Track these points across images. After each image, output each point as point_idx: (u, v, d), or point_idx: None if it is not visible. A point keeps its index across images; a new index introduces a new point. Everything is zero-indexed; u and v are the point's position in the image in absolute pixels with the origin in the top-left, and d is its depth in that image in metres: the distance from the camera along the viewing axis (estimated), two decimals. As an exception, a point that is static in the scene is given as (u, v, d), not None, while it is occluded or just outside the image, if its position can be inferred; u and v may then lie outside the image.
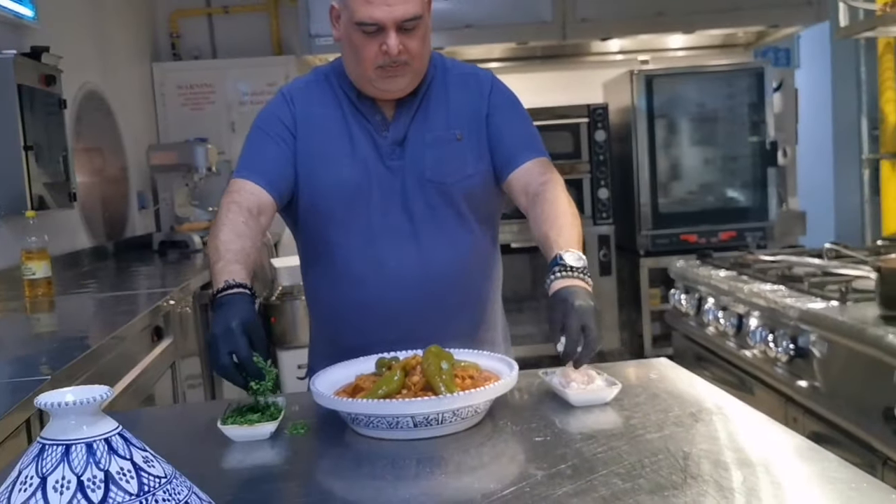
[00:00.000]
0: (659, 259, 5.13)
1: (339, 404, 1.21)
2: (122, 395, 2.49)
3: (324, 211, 1.63)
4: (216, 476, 1.16)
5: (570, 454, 1.12)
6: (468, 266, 1.68)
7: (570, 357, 1.34)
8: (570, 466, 1.08)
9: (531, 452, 1.15)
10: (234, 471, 1.19)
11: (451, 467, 1.14)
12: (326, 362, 1.72)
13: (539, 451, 1.15)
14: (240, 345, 1.30)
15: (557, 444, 1.16)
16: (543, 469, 1.07)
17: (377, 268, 1.61)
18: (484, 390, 1.21)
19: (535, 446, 1.17)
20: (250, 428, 1.25)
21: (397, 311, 1.61)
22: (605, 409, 1.31)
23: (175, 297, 3.11)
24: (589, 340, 1.33)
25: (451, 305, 1.65)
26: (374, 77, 1.57)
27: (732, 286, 2.62)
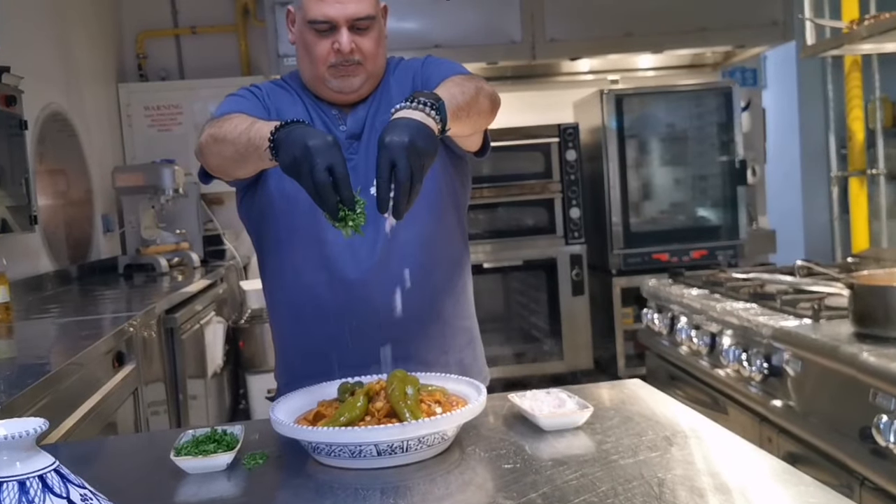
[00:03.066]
0: (631, 278, 5.12)
1: (299, 432, 1.16)
2: (81, 423, 2.41)
3: (278, 208, 1.58)
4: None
5: (541, 482, 1.07)
6: (433, 259, 1.63)
7: (383, 206, 1.20)
8: (541, 495, 1.03)
9: (500, 480, 1.10)
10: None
11: (417, 497, 1.09)
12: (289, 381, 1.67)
13: (508, 478, 1.10)
14: (339, 160, 1.20)
15: (527, 471, 1.12)
16: (513, 498, 1.03)
17: (330, 271, 1.56)
18: (450, 416, 1.16)
19: (505, 474, 1.12)
20: (205, 459, 1.19)
21: (353, 316, 1.56)
22: (577, 434, 1.26)
23: (139, 322, 3.03)
24: (399, 181, 1.19)
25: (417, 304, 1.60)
26: (327, 76, 1.56)
27: (705, 304, 2.59)
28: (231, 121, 1.45)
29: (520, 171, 5.25)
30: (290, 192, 1.45)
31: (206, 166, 1.53)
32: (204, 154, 1.49)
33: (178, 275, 4.56)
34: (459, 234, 1.71)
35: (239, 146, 1.40)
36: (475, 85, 1.48)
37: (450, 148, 1.61)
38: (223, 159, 1.46)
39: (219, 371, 4.32)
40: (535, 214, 5.31)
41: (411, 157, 1.21)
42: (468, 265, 1.75)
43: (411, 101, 1.29)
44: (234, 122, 1.44)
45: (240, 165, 1.45)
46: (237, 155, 1.41)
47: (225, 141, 1.43)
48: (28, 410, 1.90)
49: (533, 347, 5.39)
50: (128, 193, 4.69)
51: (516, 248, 5.23)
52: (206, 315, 4.19)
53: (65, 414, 2.33)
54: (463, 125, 1.42)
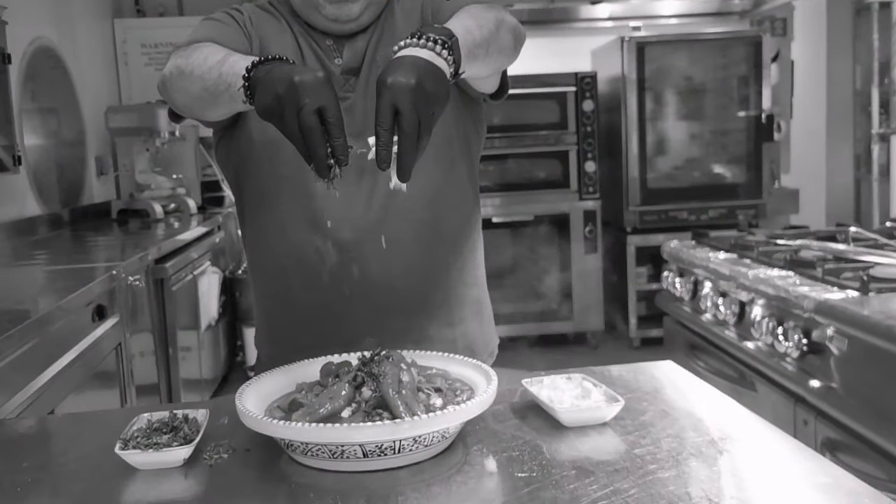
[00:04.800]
0: (647, 237, 4.91)
1: (270, 428, 0.95)
2: (65, 372, 2.24)
3: (260, 155, 1.36)
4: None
5: (563, 500, 0.87)
6: (439, 217, 1.41)
7: (384, 162, 1.00)
8: (563, 519, 0.83)
9: (512, 495, 0.90)
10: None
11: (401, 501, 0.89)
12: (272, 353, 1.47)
13: (522, 493, 0.90)
14: (331, 100, 1.00)
15: (545, 483, 0.91)
16: (528, 521, 0.83)
17: (319, 229, 1.34)
18: (453, 412, 0.95)
19: (518, 485, 0.92)
20: (157, 454, 0.99)
21: (345, 281, 1.35)
22: (604, 432, 1.06)
23: (124, 272, 2.83)
24: (404, 131, 0.99)
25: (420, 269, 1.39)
26: (321, 1, 1.32)
27: (734, 270, 2.37)
28: (201, 51, 1.22)
29: (533, 120, 5.00)
30: (274, 137, 1.22)
31: (170, 104, 1.30)
32: (167, 89, 1.26)
33: (173, 221, 4.36)
34: (470, 188, 1.49)
35: (208, 83, 1.17)
36: (495, 17, 1.24)
37: (462, 89, 1.38)
38: (189, 97, 1.23)
39: (214, 323, 4.14)
40: (548, 167, 5.08)
41: (418, 102, 0.99)
42: (478, 224, 1.53)
43: (418, 38, 1.06)
44: (205, 52, 1.21)
45: (208, 106, 1.22)
46: (205, 93, 1.18)
47: (192, 76, 1.20)
48: None
49: (541, 306, 5.19)
50: (122, 135, 4.47)
51: (527, 201, 5.01)
52: (200, 264, 4.00)
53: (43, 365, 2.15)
54: (480, 66, 1.19)
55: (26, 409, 2.00)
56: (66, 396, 2.28)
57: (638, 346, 5.02)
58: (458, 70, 1.09)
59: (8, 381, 1.95)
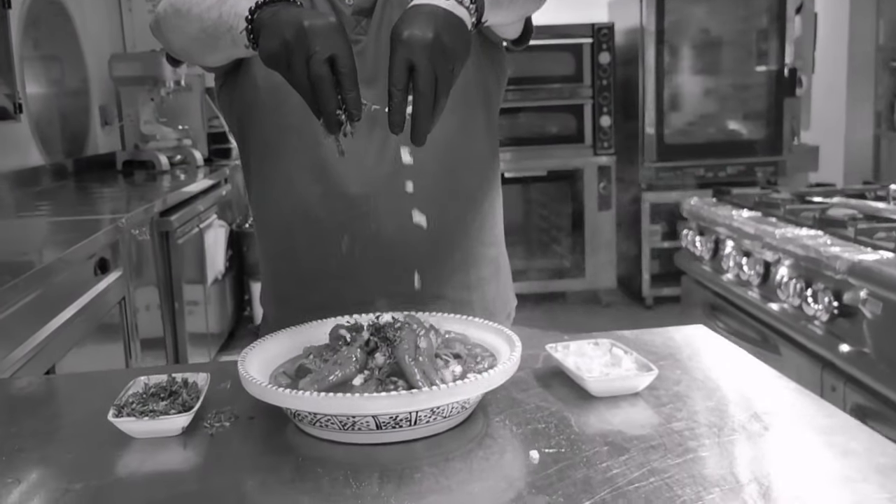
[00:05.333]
0: (662, 193, 4.81)
1: (275, 397, 0.88)
2: (68, 325, 2.17)
3: (264, 103, 1.27)
4: (97, 491, 0.83)
5: (596, 480, 0.79)
6: (456, 170, 1.32)
7: (396, 126, 0.91)
8: (601, 500, 0.75)
9: (539, 474, 0.82)
10: (125, 483, 0.86)
11: (427, 486, 0.81)
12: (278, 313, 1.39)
13: (551, 470, 0.82)
14: (344, 49, 0.90)
15: (576, 461, 0.84)
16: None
17: (327, 182, 1.25)
18: (475, 381, 0.87)
19: (545, 461, 0.84)
20: (153, 422, 0.92)
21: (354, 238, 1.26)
22: (636, 403, 0.98)
23: (128, 225, 2.76)
24: (419, 89, 0.89)
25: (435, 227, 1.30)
26: None
27: (759, 230, 2.28)
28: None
29: (547, 73, 4.87)
30: (280, 84, 1.13)
31: (165, 46, 1.21)
32: (161, 29, 1.16)
33: (179, 173, 4.27)
34: (488, 140, 1.39)
35: (206, 24, 1.07)
36: None
37: (483, 34, 1.28)
38: (186, 39, 1.13)
39: (220, 277, 4.08)
40: (562, 121, 4.96)
41: (436, 58, 0.89)
42: (498, 179, 1.44)
43: None
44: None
45: (207, 50, 1.12)
46: (203, 35, 1.08)
47: (189, 14, 1.10)
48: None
49: (553, 263, 5.11)
50: (126, 84, 4.37)
51: (540, 156, 4.90)
52: (207, 218, 3.92)
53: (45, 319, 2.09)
54: (505, 13, 1.09)
55: (27, 363, 1.94)
56: (69, 351, 2.22)
57: (651, 305, 4.94)
58: (480, 19, 0.99)
59: (8, 335, 1.89)
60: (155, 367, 1.33)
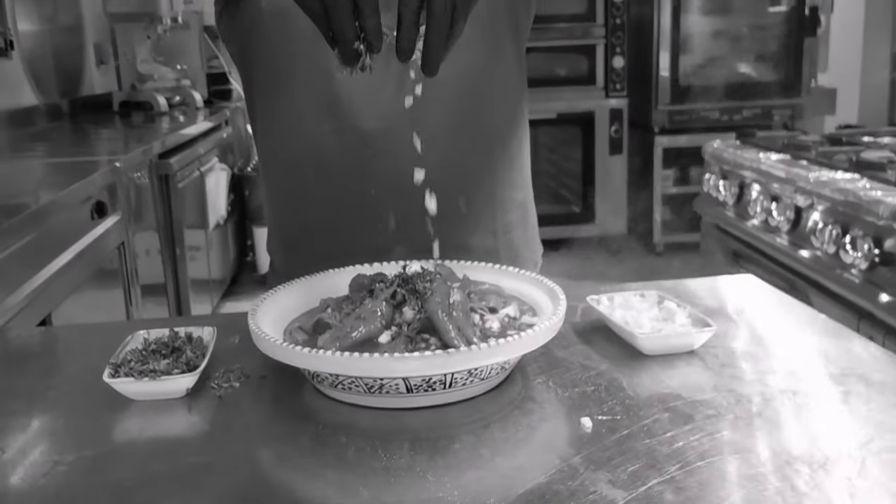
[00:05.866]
0: (675, 137, 4.67)
1: (292, 356, 0.77)
2: (66, 271, 2.08)
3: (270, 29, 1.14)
4: (91, 463, 0.73)
5: (662, 454, 0.69)
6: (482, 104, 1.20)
7: (404, 53, 0.80)
8: (669, 484, 0.65)
9: (595, 441, 0.72)
10: (122, 453, 0.76)
11: (465, 458, 0.71)
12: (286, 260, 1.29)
13: (606, 438, 0.72)
14: None
15: (635, 431, 0.74)
16: (621, 485, 0.65)
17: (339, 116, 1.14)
18: (519, 340, 0.77)
19: (598, 431, 0.74)
20: (153, 383, 0.82)
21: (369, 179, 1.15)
22: (693, 363, 0.88)
23: (125, 167, 2.64)
24: (434, 13, 0.77)
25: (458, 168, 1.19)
26: None
27: (791, 173, 2.16)
28: None
29: (557, 11, 4.69)
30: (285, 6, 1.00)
31: None
32: None
33: (178, 115, 4.14)
34: (517, 73, 1.27)
35: None
36: None
37: None
38: None
39: (222, 222, 3.97)
40: (573, 62, 4.80)
41: None
42: (526, 117, 1.32)
43: None
44: None
45: None
46: None
47: None
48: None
49: (562, 209, 5.00)
50: (121, 21, 4.21)
51: (549, 99, 4.74)
52: (208, 161, 3.80)
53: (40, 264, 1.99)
54: None
55: (21, 311, 1.84)
56: (66, 298, 2.12)
57: (661, 252, 4.84)
58: None
59: (2, 281, 1.79)
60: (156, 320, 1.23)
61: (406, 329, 0.80)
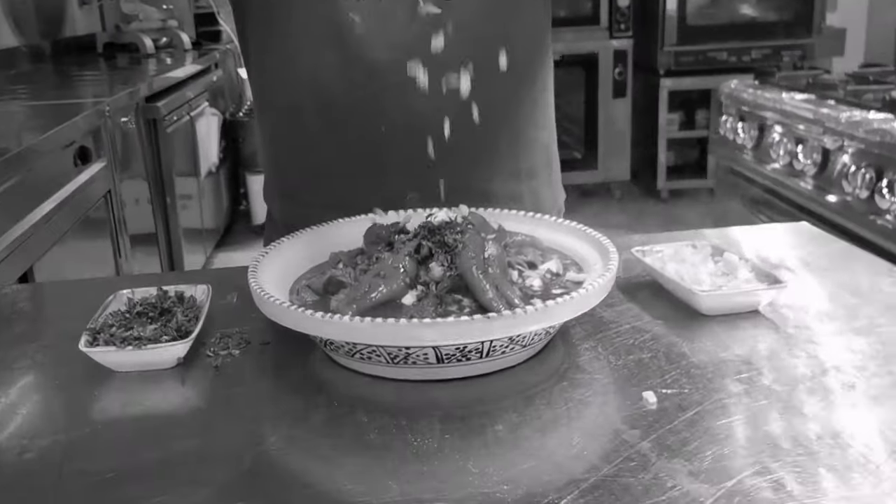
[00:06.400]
0: (681, 80, 4.52)
1: (303, 322, 0.66)
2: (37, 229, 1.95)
3: None
4: (66, 449, 0.62)
5: (748, 438, 0.58)
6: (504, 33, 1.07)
7: None
8: (758, 475, 0.54)
9: (661, 423, 0.61)
10: (103, 437, 0.65)
11: (507, 441, 0.60)
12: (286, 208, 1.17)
13: (675, 418, 0.61)
14: None
15: (707, 408, 0.63)
16: (702, 476, 0.54)
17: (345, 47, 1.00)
18: (570, 301, 0.65)
19: (665, 408, 0.63)
20: (139, 352, 0.70)
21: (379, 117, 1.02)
22: (760, 325, 0.76)
23: (111, 110, 2.50)
24: None
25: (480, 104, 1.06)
26: None
27: (819, 113, 2.04)
28: None
29: (560, -53, 4.50)
30: None
31: None
32: None
33: (165, 57, 3.96)
34: (543, 1, 1.14)
35: None
36: None
37: None
38: None
39: (214, 170, 3.83)
40: (577, 1, 4.61)
41: None
42: (551, 52, 1.19)
43: None
44: None
45: None
46: None
47: None
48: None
49: (563, 154, 4.83)
50: (103, -43, 4.01)
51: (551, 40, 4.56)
52: (198, 105, 3.64)
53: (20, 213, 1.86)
54: None
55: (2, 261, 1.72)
56: (49, 249, 2.00)
57: (666, 199, 4.72)
58: None
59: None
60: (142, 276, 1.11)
61: (434, 288, 0.68)
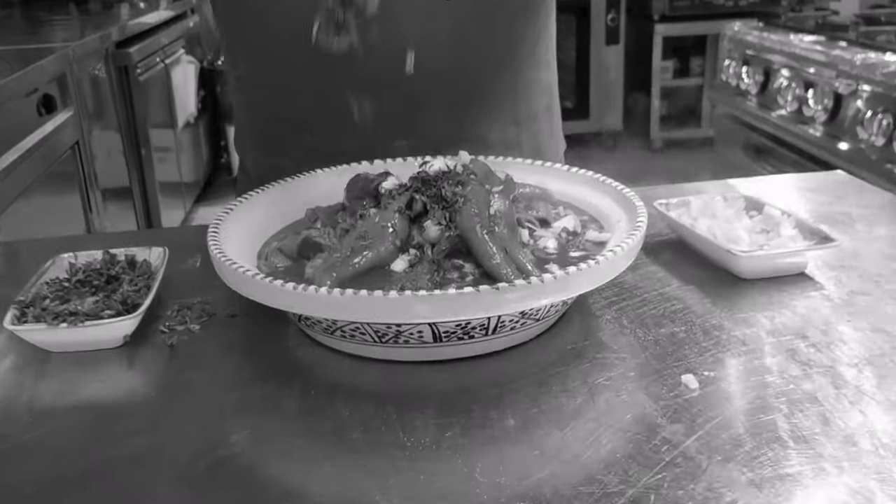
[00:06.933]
0: (675, 25, 4.37)
1: (272, 293, 0.54)
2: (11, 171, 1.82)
3: None
4: None
5: (817, 436, 0.48)
6: None
7: None
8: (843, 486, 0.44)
9: (707, 416, 0.50)
10: (29, 442, 0.53)
11: (520, 440, 0.50)
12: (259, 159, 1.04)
13: (717, 407, 0.50)
14: None
15: (761, 394, 0.52)
16: (765, 486, 0.44)
17: None
18: (594, 268, 0.54)
19: (708, 395, 0.52)
20: (76, 330, 0.59)
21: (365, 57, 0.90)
22: (807, 290, 0.65)
23: (80, 54, 2.35)
24: None
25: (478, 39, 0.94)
26: None
27: (831, 56, 1.92)
28: None
29: None
30: None
31: None
32: None
33: (138, 2, 3.78)
34: None
35: None
36: None
37: None
38: None
39: (192, 120, 3.67)
40: (568, -57, 4.44)
41: None
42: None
43: None
44: None
45: None
46: None
47: None
48: None
49: (554, 103, 4.71)
50: None
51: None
52: (173, 52, 3.48)
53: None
54: None
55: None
56: (11, 203, 1.87)
57: (659, 149, 4.59)
58: None
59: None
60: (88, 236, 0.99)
61: (430, 252, 0.57)
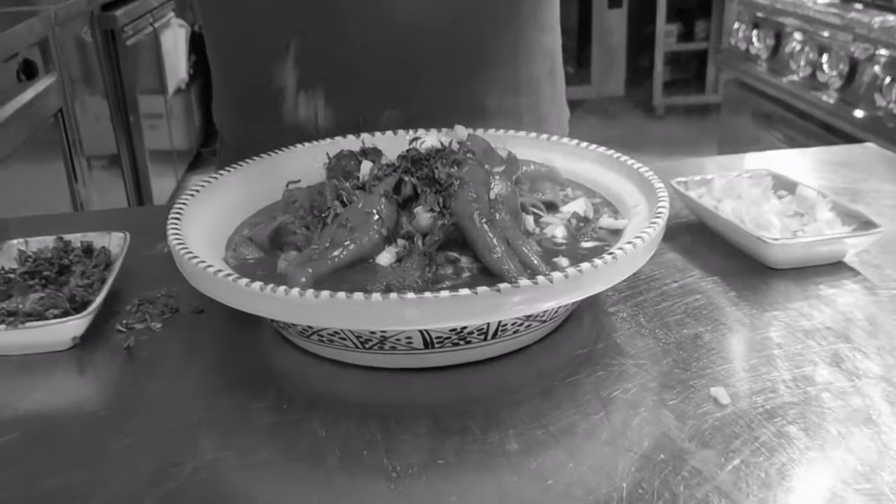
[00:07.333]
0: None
1: (239, 294, 0.47)
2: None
3: None
4: None
5: (876, 461, 0.41)
6: None
7: None
8: None
9: (745, 440, 0.43)
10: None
11: (519, 458, 0.43)
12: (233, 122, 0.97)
13: (763, 425, 0.43)
14: None
15: (803, 410, 0.45)
16: None
17: None
18: (613, 263, 0.47)
19: (744, 411, 0.45)
20: (14, 332, 0.51)
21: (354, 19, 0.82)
22: (847, 282, 0.58)
23: (63, 16, 2.25)
24: None
25: None
26: None
27: (847, 18, 1.83)
28: None
29: None
30: None
31: None
32: None
33: (127, -37, 3.66)
34: None
35: None
36: None
37: None
38: None
39: (184, 86, 3.58)
40: None
41: None
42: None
43: None
44: None
45: None
46: None
47: None
48: None
49: (555, 68, 4.60)
50: None
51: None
52: (162, 15, 3.37)
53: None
54: None
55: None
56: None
57: (662, 115, 4.50)
58: None
59: None
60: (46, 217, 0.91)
61: (421, 244, 0.50)
